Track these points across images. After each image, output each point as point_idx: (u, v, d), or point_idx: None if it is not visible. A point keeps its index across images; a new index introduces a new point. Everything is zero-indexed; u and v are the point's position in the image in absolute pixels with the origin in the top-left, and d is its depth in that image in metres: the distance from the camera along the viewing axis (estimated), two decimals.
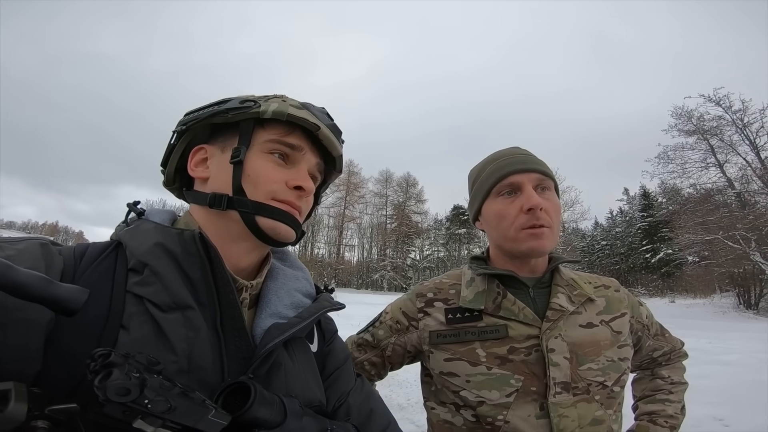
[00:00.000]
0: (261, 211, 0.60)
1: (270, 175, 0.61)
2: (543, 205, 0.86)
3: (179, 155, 0.66)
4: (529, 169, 0.89)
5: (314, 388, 0.63)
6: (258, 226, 0.60)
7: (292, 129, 0.64)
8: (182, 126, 0.63)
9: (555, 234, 0.89)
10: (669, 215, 24.97)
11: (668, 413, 1.00)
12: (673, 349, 1.06)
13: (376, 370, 1.01)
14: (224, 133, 0.63)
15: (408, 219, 55.44)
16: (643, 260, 39.08)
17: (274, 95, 0.66)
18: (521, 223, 0.87)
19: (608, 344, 0.88)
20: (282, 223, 0.61)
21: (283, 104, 0.62)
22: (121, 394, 0.34)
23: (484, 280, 0.93)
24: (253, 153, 0.61)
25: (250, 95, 0.65)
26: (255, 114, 0.61)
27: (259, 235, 0.60)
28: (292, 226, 0.62)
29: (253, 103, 0.62)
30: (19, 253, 0.47)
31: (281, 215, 0.61)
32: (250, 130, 0.62)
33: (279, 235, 0.61)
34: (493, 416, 0.83)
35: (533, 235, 0.86)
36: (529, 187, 0.88)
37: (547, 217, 0.87)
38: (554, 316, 0.86)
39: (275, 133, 0.63)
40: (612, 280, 1.02)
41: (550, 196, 0.90)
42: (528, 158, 0.92)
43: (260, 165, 0.61)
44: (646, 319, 1.01)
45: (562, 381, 0.82)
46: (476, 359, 0.86)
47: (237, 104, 0.62)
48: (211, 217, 0.61)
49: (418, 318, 0.94)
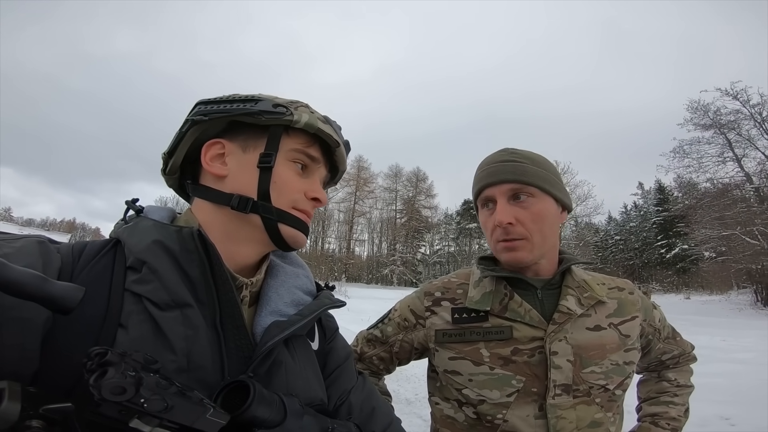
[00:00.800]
0: (284, 219, 0.61)
1: (294, 184, 0.62)
2: (514, 218, 0.85)
3: (188, 145, 0.63)
4: (499, 181, 0.88)
5: (315, 386, 0.62)
6: (279, 233, 0.61)
7: (314, 141, 0.65)
8: (202, 116, 0.60)
9: (535, 243, 0.87)
10: (685, 210, 24.40)
11: (671, 415, 1.01)
12: (682, 353, 1.06)
13: (385, 365, 1.04)
14: (245, 132, 0.62)
15: (418, 214, 55.35)
16: (658, 255, 38.38)
17: (299, 102, 0.65)
18: (497, 236, 0.89)
19: (614, 348, 0.88)
20: (300, 232, 0.63)
21: (312, 116, 0.63)
22: (117, 393, 0.33)
23: (492, 281, 0.93)
24: (279, 160, 0.61)
25: (276, 97, 0.64)
26: (287, 122, 0.61)
27: (277, 241, 0.61)
28: (306, 234, 0.64)
29: (285, 110, 0.61)
30: (16, 251, 0.46)
31: (301, 225, 0.63)
32: (279, 137, 0.62)
33: (297, 243, 0.63)
34: (492, 414, 0.85)
35: (506, 248, 0.88)
36: (501, 201, 0.87)
37: (520, 229, 0.86)
38: (561, 318, 0.86)
39: (299, 143, 0.63)
40: (626, 281, 1.01)
41: (530, 204, 0.87)
42: (502, 168, 0.89)
43: (286, 173, 0.62)
44: (658, 322, 1.01)
45: (563, 383, 0.82)
46: (480, 359, 0.87)
47: (270, 108, 0.61)
48: (221, 216, 0.60)
49: (426, 316, 0.96)
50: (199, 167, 0.64)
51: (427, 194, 56.68)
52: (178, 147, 0.63)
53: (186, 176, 0.67)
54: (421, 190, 56.53)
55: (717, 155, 21.04)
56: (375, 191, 55.96)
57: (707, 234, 20.57)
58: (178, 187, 0.69)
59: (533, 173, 0.88)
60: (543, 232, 0.88)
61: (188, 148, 0.63)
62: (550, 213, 0.89)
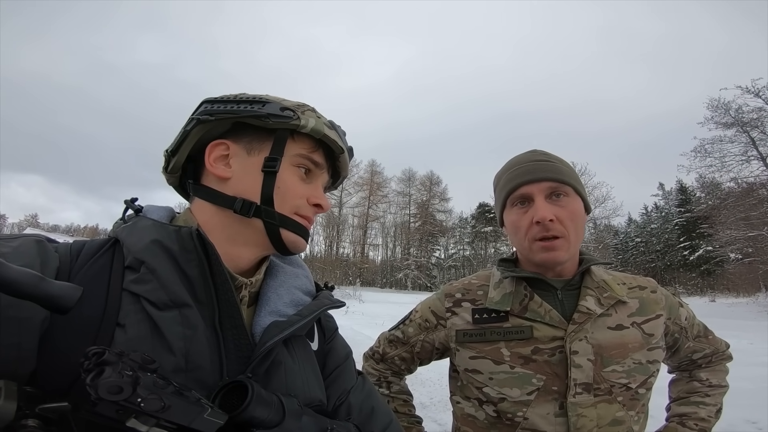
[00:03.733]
0: (286, 224, 0.61)
1: (297, 190, 0.62)
2: (554, 216, 0.86)
3: (192, 144, 0.62)
4: (539, 179, 0.89)
5: (315, 386, 0.62)
6: (281, 239, 0.61)
7: (318, 146, 0.64)
8: (208, 116, 0.60)
9: (572, 242, 0.88)
10: (708, 210, 23.67)
11: (700, 416, 0.98)
12: (715, 352, 1.03)
13: (406, 365, 1.07)
14: (250, 134, 0.61)
15: (432, 217, 55.10)
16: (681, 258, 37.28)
17: (305, 105, 0.65)
18: (533, 234, 0.88)
19: (637, 346, 0.87)
20: (302, 238, 0.63)
21: (319, 121, 0.63)
22: (113, 392, 0.33)
23: (512, 282, 0.94)
24: (284, 165, 0.61)
25: (283, 100, 0.64)
26: (294, 126, 0.61)
27: (279, 246, 0.61)
28: (307, 240, 0.65)
29: (293, 113, 0.61)
30: (14, 251, 0.46)
31: (303, 231, 0.63)
32: (284, 141, 0.61)
33: (297, 248, 0.63)
34: (512, 412, 0.86)
35: (545, 247, 0.87)
36: (539, 198, 0.88)
37: (560, 227, 0.87)
38: (581, 318, 0.87)
39: (304, 148, 0.63)
40: (649, 280, 1.00)
41: (567, 203, 0.89)
42: (540, 166, 0.91)
43: (289, 178, 0.61)
44: (685, 321, 0.99)
45: (584, 382, 0.83)
46: (500, 358, 0.88)
47: (278, 111, 0.60)
48: (223, 218, 0.60)
49: (446, 317, 0.98)
50: (201, 167, 0.63)
51: (441, 198, 56.41)
52: (182, 146, 0.62)
53: (187, 175, 0.66)
54: (435, 194, 56.29)
55: (740, 154, 20.36)
56: (388, 195, 56.05)
57: (732, 235, 19.91)
58: (178, 186, 0.69)
59: (568, 173, 0.91)
60: (578, 231, 0.89)
61: (191, 147, 0.63)
62: (581, 213, 0.91)
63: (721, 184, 22.58)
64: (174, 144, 0.64)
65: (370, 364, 1.10)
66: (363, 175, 53.77)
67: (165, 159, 0.66)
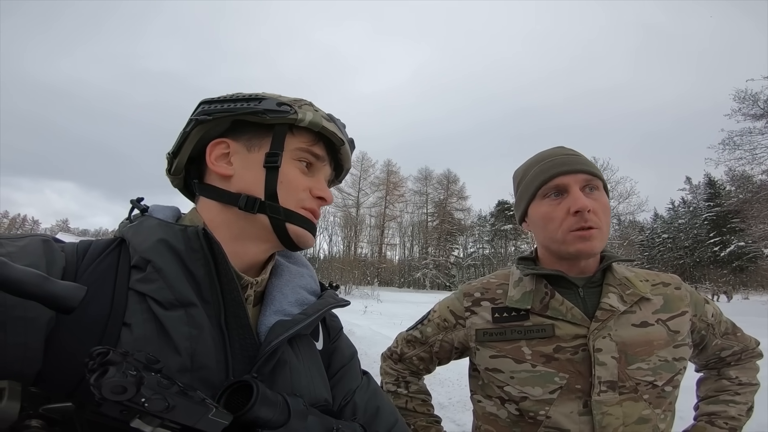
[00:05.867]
0: (292, 218, 0.60)
1: (299, 183, 0.62)
2: (591, 207, 0.85)
3: (192, 144, 0.63)
4: (575, 170, 0.88)
5: (320, 386, 0.61)
6: (287, 233, 0.60)
7: (318, 139, 0.64)
8: (206, 116, 0.60)
9: (604, 234, 0.88)
10: (739, 204, 22.71)
11: (730, 414, 0.96)
12: (744, 349, 1.00)
13: (425, 365, 1.06)
14: (249, 132, 0.62)
15: (450, 216, 54.79)
16: (711, 254, 35.94)
17: (302, 100, 0.65)
18: (569, 225, 0.87)
19: (662, 344, 0.86)
20: (308, 232, 0.62)
21: (317, 114, 0.62)
22: (117, 392, 0.33)
23: (532, 280, 0.93)
24: (285, 159, 0.61)
25: (280, 96, 0.64)
26: (291, 120, 0.60)
27: (285, 241, 0.61)
28: (314, 234, 0.64)
29: (290, 108, 0.61)
30: (20, 250, 0.46)
31: (308, 224, 0.62)
32: (284, 136, 0.61)
33: (305, 243, 0.63)
34: (535, 411, 0.85)
35: (581, 237, 0.86)
36: (576, 189, 0.87)
37: (595, 218, 0.86)
38: (603, 316, 0.86)
39: (304, 142, 0.63)
40: (673, 276, 0.98)
41: (599, 196, 0.89)
42: (574, 158, 0.91)
43: (292, 172, 0.61)
44: (711, 317, 0.96)
45: (608, 380, 0.82)
46: (521, 357, 0.88)
47: (274, 106, 0.60)
48: (228, 216, 0.60)
49: (465, 316, 0.97)
50: (204, 166, 0.63)
51: (459, 196, 56.07)
52: (183, 147, 0.63)
53: (191, 176, 0.66)
54: (453, 192, 55.97)
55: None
56: (405, 195, 56.00)
57: (766, 229, 19.00)
58: (183, 187, 0.69)
59: (598, 169, 0.92)
60: (608, 224, 0.90)
61: (192, 148, 0.63)
62: (610, 208, 0.92)
63: (752, 177, 21.64)
64: (175, 145, 0.64)
65: (388, 364, 1.10)
66: (379, 175, 54.00)
67: (167, 161, 0.66)
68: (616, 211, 33.35)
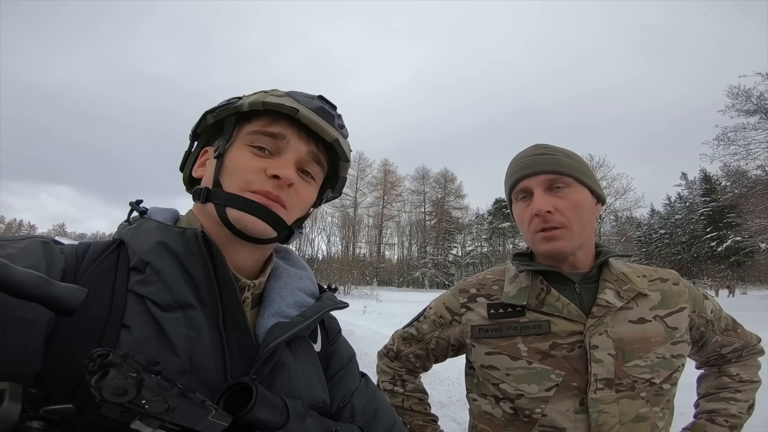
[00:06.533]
0: (231, 202, 0.57)
1: (246, 164, 0.58)
2: (554, 206, 0.86)
3: (194, 160, 0.68)
4: (536, 172, 0.90)
5: (318, 388, 0.61)
6: (228, 218, 0.56)
7: (275, 119, 0.61)
8: (195, 131, 0.66)
9: (574, 232, 0.87)
10: (735, 199, 22.82)
11: (731, 412, 0.96)
12: (745, 346, 1.00)
13: (421, 363, 1.06)
14: (217, 134, 0.65)
15: (448, 215, 54.81)
16: (708, 249, 36.10)
17: (275, 90, 0.64)
18: (534, 226, 0.89)
19: (660, 340, 0.85)
20: (250, 215, 0.56)
21: (263, 95, 0.61)
22: (118, 394, 0.33)
23: (528, 276, 0.93)
24: (234, 146, 0.61)
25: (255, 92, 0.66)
26: (235, 109, 0.61)
27: (230, 227, 0.57)
28: (266, 220, 0.57)
29: (237, 99, 0.62)
30: (20, 252, 0.47)
31: (252, 207, 0.56)
32: (232, 125, 0.62)
33: (247, 228, 0.57)
34: (531, 409, 0.85)
35: (545, 238, 0.87)
36: (538, 191, 0.89)
37: (560, 218, 0.87)
38: (600, 312, 0.85)
39: (258, 125, 0.61)
40: (671, 272, 0.98)
41: (567, 194, 0.89)
42: (538, 159, 0.91)
43: (237, 156, 0.60)
44: (711, 313, 0.96)
45: (605, 377, 0.81)
46: (517, 354, 0.87)
47: (221, 102, 0.64)
48: (205, 216, 0.60)
49: (461, 313, 0.97)
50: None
51: (456, 195, 56.07)
52: (186, 163, 0.69)
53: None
54: (450, 191, 55.97)
55: (766, 141, 19.56)
56: (402, 194, 56.00)
57: (762, 224, 19.13)
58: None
59: (567, 164, 0.91)
60: (582, 220, 0.88)
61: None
62: (587, 203, 0.90)
63: (747, 172, 21.76)
64: (181, 162, 0.69)
65: (385, 362, 1.10)
66: (376, 174, 53.95)
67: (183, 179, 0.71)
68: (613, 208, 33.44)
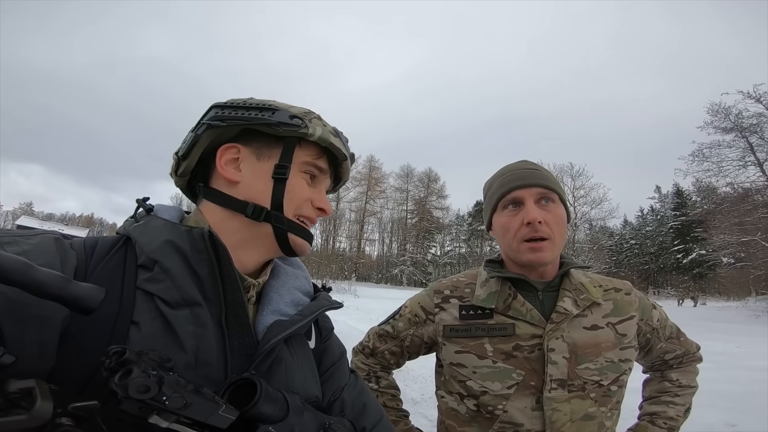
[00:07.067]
0: (293, 229, 0.63)
1: (303, 194, 0.64)
2: (543, 218, 0.92)
3: (203, 148, 0.64)
4: (530, 184, 0.95)
5: (312, 383, 0.64)
6: (288, 243, 0.63)
7: (323, 153, 0.67)
8: (219, 122, 0.61)
9: (556, 244, 0.94)
10: (703, 215, 23.89)
11: (669, 415, 1.04)
12: (686, 353, 1.08)
13: (395, 359, 1.11)
14: (259, 140, 0.63)
15: (429, 214, 55.16)
16: (674, 260, 37.62)
17: (312, 113, 0.66)
18: (522, 235, 0.94)
19: (610, 346, 0.93)
20: (307, 242, 0.66)
21: (325, 130, 0.65)
22: (142, 391, 0.35)
23: (498, 281, 0.99)
24: (292, 171, 0.63)
25: (291, 107, 0.65)
26: (302, 134, 0.62)
27: (286, 249, 0.64)
28: (310, 242, 0.67)
29: (301, 122, 0.63)
30: (35, 248, 0.47)
31: (307, 234, 0.66)
32: (293, 149, 0.63)
33: (303, 252, 0.66)
34: (493, 405, 0.91)
35: (532, 248, 0.93)
36: (530, 201, 0.94)
37: (546, 229, 0.93)
38: (558, 318, 0.92)
39: (310, 155, 0.65)
40: (625, 282, 1.06)
41: (553, 208, 0.95)
42: (531, 173, 0.98)
43: (297, 184, 0.64)
44: (657, 322, 1.04)
45: (559, 378, 0.88)
46: (484, 353, 0.94)
47: (287, 119, 0.62)
48: (234, 222, 0.61)
49: (435, 312, 1.03)
50: (210, 169, 0.65)
51: (438, 195, 56.50)
52: (193, 150, 0.64)
53: (196, 178, 0.67)
54: (433, 191, 56.36)
55: (738, 159, 20.54)
56: (386, 191, 56.03)
57: (726, 239, 20.12)
58: (186, 188, 0.71)
59: (555, 182, 0.99)
60: (562, 234, 0.96)
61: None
62: (564, 219, 0.98)
63: (717, 189, 22.78)
64: (185, 149, 0.64)
65: (360, 358, 1.13)
66: (361, 170, 53.71)
67: (174, 162, 0.67)
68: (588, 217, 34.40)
